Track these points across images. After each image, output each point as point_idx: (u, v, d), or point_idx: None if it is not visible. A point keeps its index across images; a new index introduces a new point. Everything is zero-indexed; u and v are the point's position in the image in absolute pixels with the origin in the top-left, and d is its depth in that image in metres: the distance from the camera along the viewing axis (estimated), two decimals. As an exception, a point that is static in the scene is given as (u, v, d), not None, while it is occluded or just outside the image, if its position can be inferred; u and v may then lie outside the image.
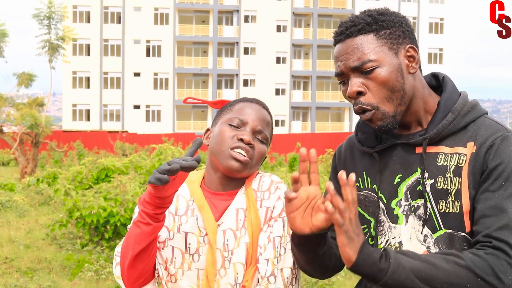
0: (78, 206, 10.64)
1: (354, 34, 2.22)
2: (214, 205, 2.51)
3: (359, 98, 2.21)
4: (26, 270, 9.94)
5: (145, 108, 62.35)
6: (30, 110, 25.57)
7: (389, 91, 2.19)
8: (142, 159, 18.22)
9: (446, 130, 2.22)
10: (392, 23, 2.24)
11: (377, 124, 2.23)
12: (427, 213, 2.22)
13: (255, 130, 2.50)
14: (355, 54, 2.20)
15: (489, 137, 2.16)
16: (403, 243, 2.27)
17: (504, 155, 2.12)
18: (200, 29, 64.01)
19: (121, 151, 33.09)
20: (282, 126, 63.00)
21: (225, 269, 2.42)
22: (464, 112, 2.23)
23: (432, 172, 2.22)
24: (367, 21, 2.22)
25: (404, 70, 2.22)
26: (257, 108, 2.56)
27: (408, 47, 2.24)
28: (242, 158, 2.43)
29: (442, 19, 66.49)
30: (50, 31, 27.19)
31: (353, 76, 2.22)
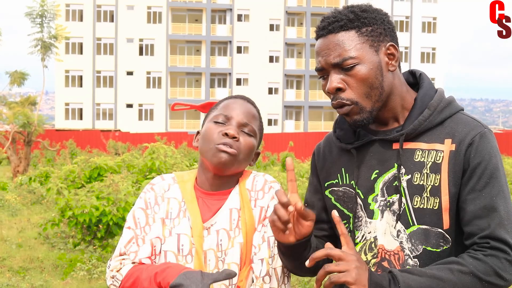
0: (70, 205, 10.61)
1: (336, 30, 2.23)
2: (207, 205, 2.50)
3: (338, 94, 2.23)
4: (18, 269, 9.91)
5: (138, 107, 62.29)
6: (23, 108, 25.51)
7: (368, 88, 2.21)
8: (134, 158, 18.17)
9: (423, 126, 2.24)
10: (374, 20, 2.25)
11: (353, 119, 2.24)
12: (401, 208, 2.24)
13: (241, 124, 2.49)
14: (336, 50, 2.22)
15: (467, 134, 2.19)
16: (378, 238, 2.30)
17: (485, 152, 2.16)
18: (193, 28, 63.97)
19: (113, 150, 33.04)
20: (275, 125, 63.04)
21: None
22: (441, 108, 2.26)
23: (409, 167, 2.24)
24: (349, 18, 2.23)
25: (384, 67, 2.24)
26: (241, 102, 2.56)
27: (389, 45, 2.26)
28: (230, 150, 2.42)
29: (435, 19, 66.59)
30: (42, 29, 27.13)
31: (333, 72, 2.23)
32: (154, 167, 12.63)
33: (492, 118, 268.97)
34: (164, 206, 2.53)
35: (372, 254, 2.31)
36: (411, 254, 2.23)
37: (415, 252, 2.23)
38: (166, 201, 2.53)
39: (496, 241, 2.10)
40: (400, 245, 2.25)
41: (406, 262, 2.24)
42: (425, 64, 66.28)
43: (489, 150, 2.17)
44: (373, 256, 2.30)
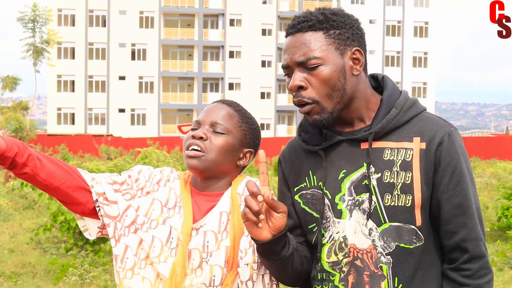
0: (62, 210, 10.60)
1: (304, 30, 2.27)
2: (198, 205, 2.53)
3: (300, 92, 2.27)
4: (10, 274, 9.88)
5: (130, 111, 62.20)
6: (15, 113, 25.49)
7: (330, 89, 2.25)
8: (127, 163, 18.12)
9: (391, 124, 2.28)
10: (343, 24, 2.28)
11: (314, 118, 2.28)
12: (372, 206, 2.26)
13: (211, 124, 2.52)
14: (301, 49, 2.25)
15: (436, 133, 2.25)
16: (348, 237, 2.30)
17: (453, 151, 2.23)
18: (185, 33, 63.96)
19: (106, 154, 33.01)
20: (268, 130, 63.03)
21: (202, 269, 2.43)
22: (407, 107, 2.31)
23: (378, 166, 2.27)
24: (319, 19, 2.27)
25: (348, 71, 2.27)
26: (214, 105, 2.60)
27: (355, 50, 2.29)
28: (193, 153, 2.46)
29: (427, 23, 66.73)
30: (34, 34, 27.16)
31: (297, 70, 2.27)
32: (147, 171, 12.60)
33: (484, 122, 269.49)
34: (162, 191, 2.55)
35: (343, 254, 2.31)
36: (383, 252, 2.25)
37: (387, 250, 2.25)
38: (167, 189, 2.56)
39: (475, 244, 2.22)
40: (372, 243, 2.26)
41: (379, 259, 2.25)
42: (417, 68, 66.42)
43: (457, 148, 2.24)
44: (345, 256, 2.31)
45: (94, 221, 2.53)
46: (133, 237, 2.48)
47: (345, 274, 2.29)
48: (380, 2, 65.80)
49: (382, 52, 65.87)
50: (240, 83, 63.68)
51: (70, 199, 2.44)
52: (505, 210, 13.31)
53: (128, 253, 2.48)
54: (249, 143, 2.60)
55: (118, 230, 2.49)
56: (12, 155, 2.24)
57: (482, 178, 23.30)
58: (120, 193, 2.50)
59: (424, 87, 66.66)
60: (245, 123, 2.59)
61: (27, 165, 2.29)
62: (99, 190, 2.47)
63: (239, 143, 2.54)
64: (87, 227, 2.55)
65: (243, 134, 2.57)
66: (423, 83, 66.60)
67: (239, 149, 2.55)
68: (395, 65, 66.11)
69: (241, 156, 2.58)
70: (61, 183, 2.38)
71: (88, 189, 2.45)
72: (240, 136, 2.56)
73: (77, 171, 2.45)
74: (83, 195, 2.45)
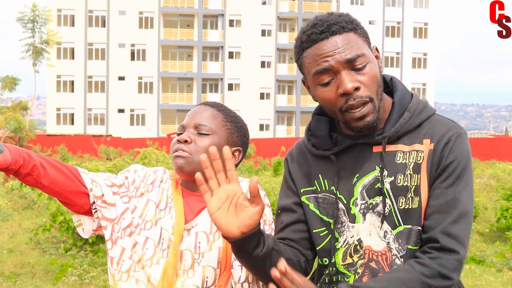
0: (61, 210, 10.60)
1: (339, 32, 2.20)
2: (190, 206, 2.53)
3: (355, 93, 2.19)
4: (9, 274, 9.88)
5: (129, 112, 62.17)
6: (14, 114, 25.48)
7: (378, 86, 2.23)
8: (126, 163, 18.13)
9: (404, 128, 2.27)
10: (359, 25, 2.28)
11: (367, 120, 2.22)
12: (386, 210, 2.26)
13: (195, 126, 2.54)
14: (347, 48, 2.19)
15: (445, 134, 2.24)
16: (363, 239, 2.31)
17: (458, 152, 2.22)
18: (184, 33, 63.93)
19: (105, 155, 32.99)
20: (267, 130, 63.02)
21: (194, 270, 2.43)
22: (419, 110, 2.29)
23: (391, 170, 2.26)
24: (345, 20, 2.23)
25: (379, 68, 2.27)
26: (197, 108, 2.62)
27: (374, 47, 2.30)
28: (181, 154, 2.47)
29: (426, 24, 66.72)
30: (34, 34, 27.15)
31: (344, 73, 2.18)
32: (146, 172, 12.60)
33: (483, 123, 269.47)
34: (155, 192, 2.55)
35: (358, 256, 2.32)
36: (398, 254, 2.26)
37: (401, 252, 2.25)
38: (160, 191, 2.56)
39: (447, 238, 2.15)
40: (387, 246, 2.27)
41: (394, 262, 2.26)
42: (416, 69, 66.41)
43: (462, 151, 2.23)
44: (360, 257, 2.31)
45: (90, 219, 2.52)
46: (128, 240, 2.48)
47: (359, 276, 2.30)
48: (380, 3, 65.79)
49: (382, 53, 65.84)
50: (239, 83, 63.66)
51: (69, 201, 2.44)
52: (504, 211, 13.32)
53: (124, 255, 2.48)
54: (236, 142, 2.59)
55: (115, 233, 2.49)
56: (17, 167, 2.24)
57: (481, 179, 23.30)
58: (118, 196, 2.50)
59: (423, 88, 66.64)
60: (230, 122, 2.58)
61: (31, 175, 2.29)
62: (97, 193, 2.46)
63: (225, 142, 2.54)
64: (81, 222, 2.54)
65: (229, 133, 2.56)
66: (423, 84, 66.58)
67: None
68: (394, 66, 66.08)
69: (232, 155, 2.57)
70: (62, 189, 2.38)
71: (87, 192, 2.45)
72: (226, 135, 2.55)
73: (78, 174, 2.44)
74: (81, 197, 2.44)
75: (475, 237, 13.10)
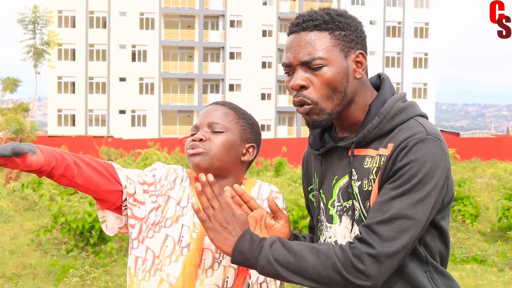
0: (63, 211, 10.60)
1: (310, 29, 2.24)
2: None
3: (301, 91, 2.24)
4: (10, 276, 9.88)
5: (130, 113, 62.20)
6: (15, 115, 25.47)
7: (331, 91, 2.23)
8: (127, 164, 18.16)
9: (372, 133, 2.25)
10: (348, 26, 2.26)
11: (312, 118, 2.27)
12: (356, 213, 2.28)
13: (209, 125, 2.55)
14: (307, 48, 2.22)
15: (406, 138, 2.16)
16: (339, 242, 2.33)
17: (413, 157, 2.12)
18: (185, 34, 63.96)
19: (106, 156, 32.96)
20: (268, 131, 63.00)
21: (213, 270, 2.44)
22: (391, 115, 2.24)
23: (360, 174, 2.26)
24: (325, 19, 2.25)
25: (350, 74, 2.26)
26: (208, 107, 2.64)
27: (358, 53, 2.27)
28: (195, 151, 2.49)
29: (427, 24, 66.72)
30: (35, 36, 27.13)
31: (300, 69, 2.24)
32: (147, 173, 12.60)
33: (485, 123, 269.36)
34: (177, 189, 2.55)
35: None
36: None
37: None
38: (181, 188, 2.56)
39: (369, 232, 2.11)
40: None
41: None
42: (417, 69, 66.39)
43: (419, 157, 2.12)
44: None
45: (113, 216, 2.52)
46: (151, 240, 2.49)
47: None
48: (381, 3, 65.80)
49: (383, 53, 65.85)
50: (240, 84, 63.68)
51: (104, 198, 2.44)
52: (505, 210, 13.32)
53: (148, 254, 2.48)
54: (250, 138, 2.62)
55: (143, 232, 2.49)
56: (49, 168, 2.22)
57: (482, 178, 23.28)
58: (147, 194, 2.49)
59: (424, 88, 66.64)
60: (242, 119, 2.61)
61: (65, 176, 2.27)
62: (130, 190, 2.46)
63: (239, 139, 2.57)
64: (105, 219, 2.54)
65: (242, 130, 2.59)
66: (424, 84, 66.59)
67: (240, 145, 2.58)
68: (395, 66, 66.08)
69: (244, 152, 2.60)
70: (97, 187, 2.38)
71: (121, 189, 2.44)
72: (240, 132, 2.58)
73: (113, 171, 2.44)
74: (115, 195, 2.44)
75: (476, 236, 13.10)
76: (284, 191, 11.56)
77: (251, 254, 2.13)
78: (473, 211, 14.13)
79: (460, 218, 13.82)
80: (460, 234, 12.84)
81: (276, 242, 2.14)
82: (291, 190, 12.00)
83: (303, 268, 2.10)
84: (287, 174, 20.80)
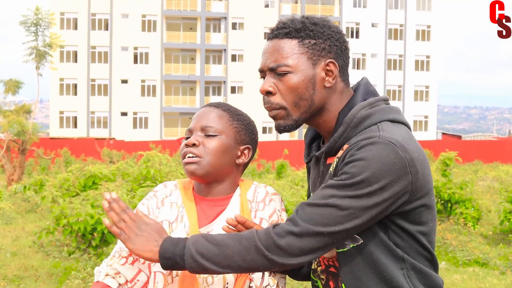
0: (65, 213, 10.60)
1: (281, 36, 2.30)
2: (204, 211, 2.52)
3: (269, 97, 2.31)
4: (12, 277, 9.89)
5: (132, 115, 62.23)
6: (17, 117, 25.47)
7: (297, 98, 2.26)
8: (129, 166, 18.16)
9: (339, 142, 2.25)
10: (320, 35, 2.28)
11: (279, 123, 2.31)
12: None
13: (202, 129, 2.53)
14: (274, 55, 2.29)
15: (359, 141, 2.16)
16: None
17: (359, 156, 2.11)
18: (187, 36, 64.00)
19: (108, 158, 32.99)
20: (270, 133, 62.99)
21: (213, 277, 2.42)
22: (354, 123, 2.23)
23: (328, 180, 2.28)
24: (296, 27, 2.29)
25: (318, 82, 2.27)
26: (202, 110, 2.62)
27: (328, 61, 2.28)
28: (190, 160, 2.48)
29: (429, 27, 66.72)
30: (37, 38, 27.11)
31: (269, 75, 2.33)
32: (149, 175, 12.60)
33: (487, 125, 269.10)
34: (164, 210, 2.56)
35: (316, 263, 2.40)
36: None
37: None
38: (167, 206, 2.56)
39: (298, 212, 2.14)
40: (336, 253, 2.29)
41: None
42: (419, 72, 66.39)
43: (365, 156, 2.10)
44: (318, 265, 2.39)
45: None
46: None
47: (325, 281, 2.34)
48: (383, 5, 65.80)
49: (384, 55, 65.85)
50: (242, 86, 63.69)
51: None
52: (507, 213, 13.30)
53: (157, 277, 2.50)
54: (245, 140, 2.59)
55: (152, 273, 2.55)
56: None
57: (484, 181, 23.27)
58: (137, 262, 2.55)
59: (426, 90, 66.62)
60: (236, 120, 2.58)
61: None
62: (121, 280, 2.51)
63: (233, 141, 2.54)
64: None
65: (236, 132, 2.56)
66: (425, 87, 66.57)
67: (235, 147, 2.55)
68: (397, 69, 66.08)
69: (239, 154, 2.57)
70: None
71: None
72: (234, 134, 2.55)
73: None
74: None
75: (478, 239, 13.08)
76: (286, 194, 11.57)
77: (176, 255, 2.16)
78: (475, 214, 14.11)
79: (462, 221, 13.81)
80: (462, 237, 12.82)
81: (199, 237, 2.18)
82: (293, 193, 12.00)
83: (228, 256, 2.13)
84: (289, 177, 20.78)
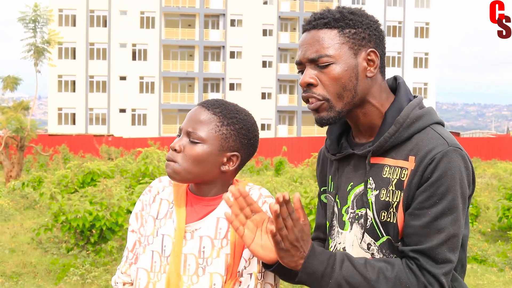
0: (63, 210, 10.60)
1: (319, 27, 2.24)
2: (195, 209, 2.50)
3: (310, 88, 2.24)
4: (11, 274, 9.88)
5: (131, 111, 62.21)
6: (15, 113, 25.42)
7: (341, 88, 2.21)
8: (128, 163, 18.17)
9: (389, 142, 2.22)
10: (359, 24, 2.25)
11: (321, 115, 2.25)
12: (368, 222, 2.26)
13: (186, 133, 2.47)
14: (314, 46, 2.22)
15: (429, 152, 2.14)
16: (346, 249, 2.33)
17: (441, 171, 2.11)
18: (186, 33, 63.95)
19: (106, 155, 32.95)
20: (268, 130, 63.02)
21: (198, 276, 2.40)
22: (407, 124, 2.22)
23: (377, 183, 2.25)
24: (335, 17, 2.24)
25: (361, 72, 2.23)
26: (193, 110, 2.52)
27: (370, 51, 2.25)
28: (169, 163, 2.46)
29: (428, 24, 66.71)
30: (35, 34, 27.03)
31: (309, 67, 2.24)
32: (148, 172, 12.62)
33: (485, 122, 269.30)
34: (155, 206, 2.55)
35: None
36: None
37: None
38: (158, 202, 2.55)
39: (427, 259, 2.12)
40: (371, 256, 2.26)
41: None
42: (417, 69, 66.39)
43: (447, 170, 2.11)
44: None
45: None
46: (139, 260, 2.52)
47: None
48: (381, 2, 65.77)
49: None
50: (240, 83, 63.68)
51: None
52: (505, 210, 13.32)
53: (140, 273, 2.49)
54: (233, 146, 2.46)
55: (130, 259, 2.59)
56: None
57: (482, 178, 23.30)
58: None
59: (424, 87, 66.62)
60: (226, 125, 2.45)
61: None
62: None
63: (218, 149, 2.43)
64: None
65: (223, 139, 2.44)
66: (424, 84, 66.57)
67: (219, 155, 2.44)
68: (396, 66, 66.06)
69: (225, 161, 2.46)
70: None
71: None
72: (219, 142, 2.43)
73: None
74: None
75: (476, 236, 13.09)
76: (284, 191, 11.56)
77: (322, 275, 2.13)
78: (474, 211, 14.13)
79: (461, 218, 13.81)
80: (460, 234, 12.82)
81: (345, 261, 2.14)
82: (291, 190, 11.99)
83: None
84: (287, 174, 20.80)
